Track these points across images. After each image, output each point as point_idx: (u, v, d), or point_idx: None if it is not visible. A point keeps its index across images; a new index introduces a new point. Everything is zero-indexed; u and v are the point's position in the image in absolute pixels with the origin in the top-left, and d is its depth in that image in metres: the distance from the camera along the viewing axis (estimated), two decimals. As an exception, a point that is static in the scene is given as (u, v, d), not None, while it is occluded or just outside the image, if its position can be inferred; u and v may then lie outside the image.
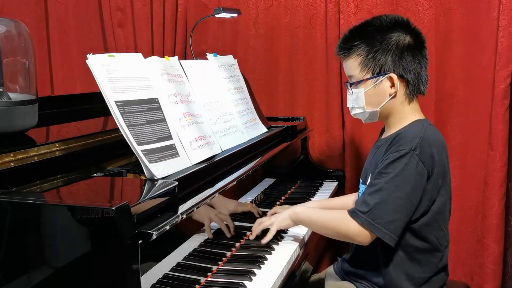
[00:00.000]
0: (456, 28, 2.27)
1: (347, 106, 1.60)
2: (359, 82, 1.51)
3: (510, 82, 2.15)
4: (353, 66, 1.52)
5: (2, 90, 1.39)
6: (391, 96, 1.49)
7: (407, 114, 1.52)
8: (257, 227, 1.60)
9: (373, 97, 1.51)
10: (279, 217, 1.59)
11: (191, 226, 1.47)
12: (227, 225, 1.60)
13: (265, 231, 1.59)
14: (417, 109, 1.55)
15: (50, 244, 1.06)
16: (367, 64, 1.49)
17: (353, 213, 1.42)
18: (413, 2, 2.31)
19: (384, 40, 1.48)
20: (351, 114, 1.59)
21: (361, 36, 1.51)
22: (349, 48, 1.52)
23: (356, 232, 1.41)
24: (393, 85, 1.48)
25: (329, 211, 1.62)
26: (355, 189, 1.68)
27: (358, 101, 1.53)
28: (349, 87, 1.56)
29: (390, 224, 1.38)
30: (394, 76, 1.47)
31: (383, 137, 1.60)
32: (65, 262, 1.05)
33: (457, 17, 2.26)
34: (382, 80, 1.49)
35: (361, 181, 1.64)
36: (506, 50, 2.12)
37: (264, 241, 1.56)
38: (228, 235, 1.58)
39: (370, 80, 1.50)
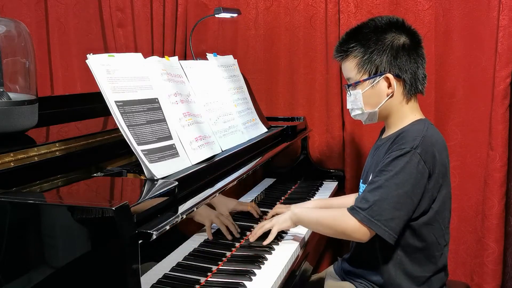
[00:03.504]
0: (456, 28, 2.27)
1: (347, 107, 1.61)
2: (356, 83, 1.53)
3: (510, 82, 2.15)
4: (350, 68, 1.54)
5: (2, 90, 1.39)
6: (389, 96, 1.50)
7: (407, 114, 1.53)
8: (258, 230, 1.61)
9: (371, 97, 1.52)
10: (280, 218, 1.60)
11: (191, 226, 1.47)
12: (228, 228, 1.61)
13: (266, 233, 1.60)
14: (417, 108, 1.55)
15: (50, 244, 1.06)
16: (363, 65, 1.51)
17: (352, 210, 1.43)
18: (413, 2, 2.31)
19: (379, 41, 1.49)
20: (351, 115, 1.60)
21: (357, 38, 1.53)
22: (346, 51, 1.54)
23: (355, 229, 1.42)
24: (390, 85, 1.49)
25: (328, 210, 1.63)
26: (355, 189, 1.68)
27: (357, 102, 1.55)
28: (347, 89, 1.58)
29: (389, 222, 1.38)
30: (390, 76, 1.48)
31: (383, 136, 1.61)
32: (65, 262, 1.05)
33: (457, 17, 2.26)
34: (378, 81, 1.50)
35: (361, 180, 1.64)
36: (506, 50, 2.12)
37: (266, 242, 1.57)
38: (229, 237, 1.59)
39: (367, 81, 1.51)
